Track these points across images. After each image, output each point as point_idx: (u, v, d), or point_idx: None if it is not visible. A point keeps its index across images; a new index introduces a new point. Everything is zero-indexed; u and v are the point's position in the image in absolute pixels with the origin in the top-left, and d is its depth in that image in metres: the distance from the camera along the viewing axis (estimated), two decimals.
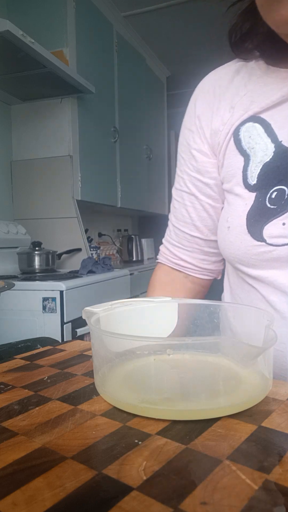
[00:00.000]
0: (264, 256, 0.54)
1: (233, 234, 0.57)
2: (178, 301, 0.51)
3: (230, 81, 0.61)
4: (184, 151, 0.67)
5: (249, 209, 0.55)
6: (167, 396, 0.36)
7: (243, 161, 0.57)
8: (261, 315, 0.42)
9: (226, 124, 0.59)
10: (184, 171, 0.67)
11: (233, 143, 0.58)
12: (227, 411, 0.34)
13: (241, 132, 0.57)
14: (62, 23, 2.18)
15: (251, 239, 0.54)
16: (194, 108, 0.65)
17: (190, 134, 0.65)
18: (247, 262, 0.56)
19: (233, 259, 0.59)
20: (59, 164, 2.27)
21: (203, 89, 0.64)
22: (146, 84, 3.26)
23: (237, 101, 0.59)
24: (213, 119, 0.61)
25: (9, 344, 0.61)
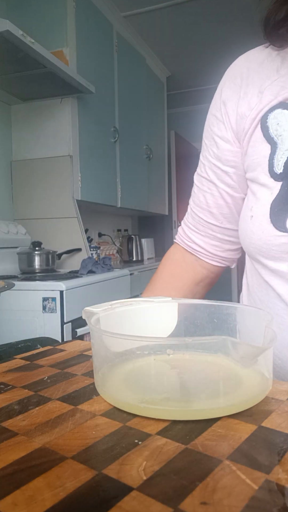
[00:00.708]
0: (285, 248, 0.52)
1: (255, 224, 0.55)
2: (178, 301, 0.51)
3: (260, 65, 0.59)
4: (207, 136, 0.66)
5: (274, 198, 0.53)
6: (167, 396, 0.36)
7: (270, 149, 0.55)
8: (261, 315, 0.42)
9: (253, 109, 0.57)
10: (205, 157, 0.66)
11: (260, 130, 0.56)
12: (227, 411, 0.34)
13: (269, 119, 0.55)
14: (62, 23, 2.18)
15: (273, 229, 0.53)
16: (220, 93, 0.63)
17: (215, 120, 0.64)
18: (267, 254, 0.55)
19: (253, 250, 0.57)
20: (59, 164, 2.27)
21: (230, 74, 0.62)
22: (146, 84, 3.26)
23: (267, 85, 0.56)
24: (239, 104, 0.59)
25: (9, 344, 0.61)
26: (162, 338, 0.43)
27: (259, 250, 0.56)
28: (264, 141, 0.55)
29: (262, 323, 0.39)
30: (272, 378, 0.38)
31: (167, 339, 0.45)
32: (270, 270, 0.56)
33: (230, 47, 3.11)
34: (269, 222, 0.53)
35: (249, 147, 0.58)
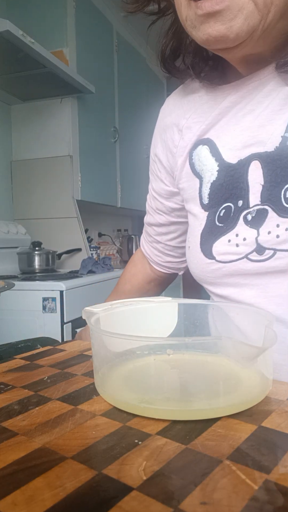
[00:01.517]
0: (217, 273, 0.55)
1: (191, 253, 0.60)
2: (178, 301, 0.51)
3: (176, 105, 0.65)
4: (150, 172, 0.74)
5: (203, 229, 0.58)
6: (167, 396, 0.36)
7: (199, 183, 0.59)
8: (261, 315, 0.42)
9: (178, 147, 0.63)
10: (150, 188, 0.74)
11: (189, 166, 0.61)
12: (227, 411, 0.34)
13: (194, 156, 0.60)
14: (62, 23, 2.18)
15: (203, 257, 0.57)
16: (154, 138, 0.70)
17: (152, 162, 0.71)
18: (205, 280, 0.59)
19: (196, 278, 0.62)
20: (59, 164, 2.27)
21: (158, 120, 0.70)
22: (146, 84, 3.26)
23: (184, 123, 0.62)
24: (167, 144, 0.65)
25: (9, 344, 0.61)
26: (162, 338, 0.43)
27: (199, 278, 0.60)
28: (194, 176, 0.60)
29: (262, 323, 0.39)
30: (272, 378, 0.38)
31: (167, 339, 0.45)
32: (215, 295, 0.60)
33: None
34: (200, 251, 0.57)
35: (183, 182, 0.63)
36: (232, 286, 0.55)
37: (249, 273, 0.52)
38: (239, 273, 0.53)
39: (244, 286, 0.54)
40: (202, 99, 0.60)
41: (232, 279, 0.54)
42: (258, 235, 0.50)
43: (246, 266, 0.52)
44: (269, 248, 0.50)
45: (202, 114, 0.59)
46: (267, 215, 0.50)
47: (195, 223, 0.60)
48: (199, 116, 0.60)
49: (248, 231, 0.51)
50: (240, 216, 0.53)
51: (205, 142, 0.58)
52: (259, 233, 0.50)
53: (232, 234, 0.53)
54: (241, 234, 0.52)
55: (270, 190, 0.50)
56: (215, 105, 0.58)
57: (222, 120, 0.57)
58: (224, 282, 0.56)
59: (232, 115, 0.56)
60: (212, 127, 0.58)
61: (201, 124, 0.59)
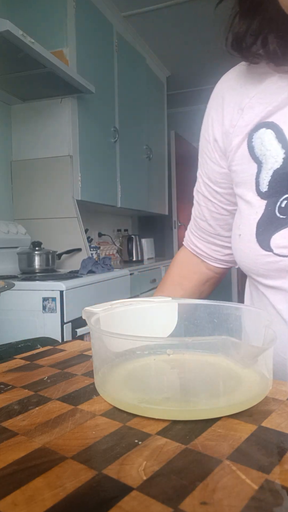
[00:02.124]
0: (271, 266, 0.53)
1: (243, 242, 0.57)
2: (178, 301, 0.51)
3: (238, 82, 0.60)
4: (200, 155, 0.68)
5: (260, 218, 0.54)
6: (167, 396, 0.36)
7: (256, 168, 0.56)
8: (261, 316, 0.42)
9: (235, 126, 0.59)
10: (200, 174, 0.69)
11: (247, 149, 0.57)
12: (227, 411, 0.34)
13: (254, 139, 0.56)
14: (62, 23, 2.18)
15: (259, 248, 0.54)
16: (208, 115, 0.65)
17: (205, 142, 0.66)
18: (256, 271, 0.56)
19: (244, 267, 0.59)
20: (59, 164, 2.27)
21: (214, 95, 0.65)
22: (146, 84, 3.26)
23: (246, 102, 0.58)
24: (223, 122, 0.61)
25: (9, 344, 0.61)
26: (162, 338, 0.43)
27: (249, 268, 0.57)
28: (251, 160, 0.57)
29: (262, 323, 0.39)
30: (272, 378, 0.38)
31: (167, 339, 0.45)
32: (263, 285, 0.58)
33: (229, 50, 3.10)
34: (255, 242, 0.54)
35: (236, 164, 0.59)
36: (285, 278, 0.53)
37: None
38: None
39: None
40: (271, 79, 0.56)
41: (285, 272, 0.52)
42: None
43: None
44: None
45: (269, 95, 0.55)
46: None
47: (249, 210, 0.56)
48: (265, 97, 0.56)
49: None
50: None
51: (270, 126, 0.55)
52: None
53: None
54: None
55: None
56: (285, 87, 0.54)
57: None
58: (278, 275, 0.54)
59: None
60: (279, 110, 0.54)
61: (266, 105, 0.55)
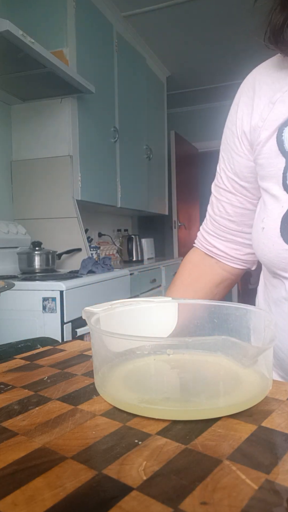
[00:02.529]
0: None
1: (267, 236, 0.56)
2: (178, 301, 0.51)
3: (271, 76, 0.59)
4: (224, 150, 0.67)
5: (285, 212, 0.54)
6: (167, 396, 0.36)
7: (285, 163, 0.55)
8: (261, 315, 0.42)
9: (265, 120, 0.58)
10: (222, 169, 0.68)
11: (276, 143, 0.57)
12: (227, 411, 0.34)
13: (285, 133, 0.55)
14: (62, 23, 2.18)
15: (283, 242, 0.54)
16: (236, 108, 0.64)
17: (231, 135, 0.65)
18: (278, 265, 0.56)
19: (265, 260, 0.59)
20: (59, 164, 2.27)
21: (244, 87, 0.63)
22: (146, 84, 3.26)
23: (278, 97, 0.57)
24: (252, 116, 0.60)
25: (9, 344, 0.61)
26: (162, 338, 0.43)
27: (271, 261, 0.57)
28: (279, 154, 0.56)
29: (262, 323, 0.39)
30: (272, 378, 0.38)
31: (167, 339, 0.45)
32: (283, 277, 0.57)
33: (230, 47, 3.11)
34: (279, 236, 0.54)
35: (263, 158, 0.59)
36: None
37: None
38: None
39: None
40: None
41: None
42: None
43: None
44: None
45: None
46: None
47: (274, 204, 0.57)
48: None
49: None
50: None
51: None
52: None
53: None
54: None
55: None
56: None
57: None
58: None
59: None
60: None
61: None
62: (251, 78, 0.63)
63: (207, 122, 4.40)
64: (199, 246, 0.76)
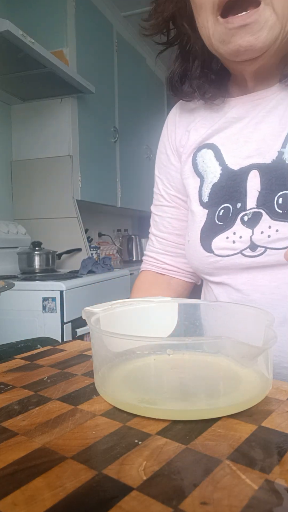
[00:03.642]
0: (214, 265, 0.62)
1: (191, 247, 0.65)
2: (178, 301, 0.51)
3: (186, 110, 0.71)
4: (161, 173, 0.76)
5: (203, 225, 0.63)
6: (167, 396, 0.36)
7: (199, 182, 0.65)
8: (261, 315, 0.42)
9: (184, 146, 0.69)
10: (163, 189, 0.75)
11: (191, 166, 0.67)
12: (227, 411, 0.34)
13: (198, 157, 0.66)
14: (62, 23, 2.18)
15: (203, 250, 0.62)
16: (166, 134, 0.75)
17: (166, 158, 0.74)
18: (202, 270, 0.65)
19: (194, 268, 0.68)
20: (59, 164, 2.27)
21: (169, 119, 0.75)
22: (146, 84, 3.26)
23: (192, 126, 0.68)
24: (175, 141, 0.72)
25: (9, 344, 0.61)
26: (162, 338, 0.43)
27: (197, 268, 0.66)
28: (195, 175, 0.66)
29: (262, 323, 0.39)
30: (272, 378, 0.38)
31: (167, 339, 0.45)
32: (210, 281, 0.66)
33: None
34: (200, 245, 0.63)
35: (184, 178, 0.69)
36: (226, 274, 0.62)
37: (242, 267, 0.59)
38: (233, 266, 0.60)
39: (236, 275, 0.61)
40: (210, 109, 0.67)
41: (227, 270, 0.61)
42: (253, 234, 0.57)
43: (241, 261, 0.59)
44: (261, 246, 0.57)
45: (210, 120, 0.66)
46: (261, 217, 0.57)
47: (194, 219, 0.65)
48: (207, 121, 0.67)
49: (244, 230, 0.58)
50: (237, 216, 0.59)
51: (210, 147, 0.65)
52: (254, 232, 0.57)
53: (230, 232, 0.59)
54: (238, 232, 0.59)
55: (265, 196, 0.57)
56: (222, 114, 0.65)
57: (228, 129, 0.64)
58: (220, 272, 0.63)
59: (238, 127, 0.63)
60: (217, 133, 0.65)
61: (207, 128, 0.66)
62: (174, 111, 0.75)
63: None
64: (149, 268, 0.79)
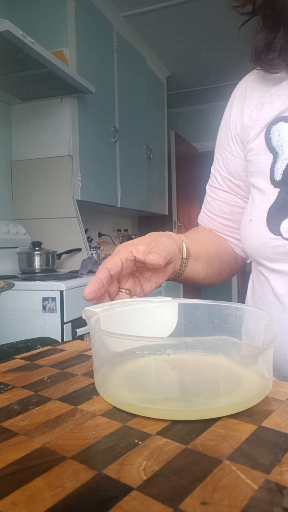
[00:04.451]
0: (279, 250, 0.56)
1: (253, 227, 0.59)
2: (178, 301, 0.51)
3: (259, 81, 0.65)
4: (219, 151, 0.71)
5: (272, 204, 0.57)
6: (167, 396, 0.36)
7: (272, 158, 0.59)
8: (261, 315, 0.42)
9: (255, 120, 0.63)
10: (217, 170, 0.71)
11: (264, 140, 0.61)
12: (227, 411, 0.34)
13: (272, 131, 0.60)
14: (62, 23, 2.18)
15: (268, 232, 0.57)
16: (230, 111, 0.69)
17: (225, 137, 0.69)
18: (262, 255, 0.59)
19: (251, 251, 0.62)
20: (59, 164, 2.27)
21: (236, 92, 0.69)
22: (146, 84, 3.26)
23: (266, 99, 0.62)
24: (243, 117, 0.65)
25: (9, 344, 0.61)
26: (162, 338, 0.43)
27: (256, 251, 0.60)
28: (267, 151, 0.60)
29: (262, 323, 0.39)
30: (272, 378, 0.38)
31: (167, 339, 0.45)
32: (267, 268, 0.60)
33: (230, 47, 3.11)
34: (265, 226, 0.57)
35: (252, 155, 0.63)
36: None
37: None
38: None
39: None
40: (287, 80, 0.61)
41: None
42: None
43: None
44: None
45: (287, 92, 0.60)
46: None
47: (261, 197, 0.60)
48: (284, 93, 0.60)
49: None
50: None
51: (287, 120, 0.59)
52: None
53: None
54: None
55: None
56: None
57: None
58: (284, 258, 0.57)
59: None
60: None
61: (284, 101, 0.60)
62: (242, 84, 0.69)
63: (207, 122, 4.40)
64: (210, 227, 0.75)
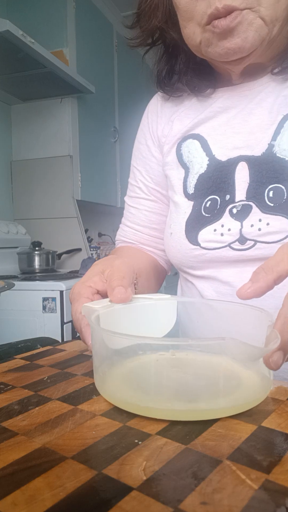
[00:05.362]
0: (200, 258, 0.60)
1: (175, 239, 0.63)
2: (178, 299, 0.51)
3: (168, 99, 0.70)
4: (140, 164, 0.73)
5: (188, 217, 0.62)
6: (168, 396, 0.36)
7: (184, 173, 0.64)
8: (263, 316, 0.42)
9: (167, 136, 0.67)
10: (140, 181, 0.73)
11: (175, 156, 0.65)
12: (227, 411, 0.33)
13: (183, 147, 0.64)
14: (62, 23, 2.18)
15: (188, 243, 0.61)
16: (147, 125, 0.73)
17: (146, 149, 0.72)
18: (186, 264, 0.63)
19: (175, 261, 0.65)
20: (59, 164, 2.27)
21: (150, 107, 0.75)
22: (146, 84, 3.25)
23: (176, 116, 0.67)
24: (157, 131, 0.70)
25: (9, 344, 0.61)
26: (164, 339, 0.43)
27: (180, 261, 0.64)
28: (179, 166, 0.65)
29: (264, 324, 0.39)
30: (272, 378, 0.38)
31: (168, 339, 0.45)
32: (192, 275, 0.64)
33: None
34: (185, 238, 0.61)
35: (167, 169, 0.67)
36: (212, 268, 0.61)
37: (230, 260, 0.58)
38: (220, 260, 0.59)
39: (223, 268, 0.60)
40: (195, 99, 0.66)
41: (213, 263, 0.60)
42: (242, 227, 0.56)
43: (228, 254, 0.58)
44: (250, 239, 0.56)
45: (194, 110, 0.65)
46: (251, 210, 0.56)
47: (178, 210, 0.64)
48: (191, 111, 0.65)
49: (232, 222, 0.57)
50: (226, 209, 0.58)
51: (195, 137, 0.63)
52: (243, 225, 0.56)
53: (218, 224, 0.58)
54: (226, 225, 0.57)
55: (255, 188, 0.56)
56: (208, 105, 0.64)
57: (214, 120, 0.62)
58: (205, 265, 0.61)
59: (225, 117, 0.61)
60: (203, 123, 0.63)
61: (192, 118, 0.64)
62: (155, 100, 0.74)
63: None
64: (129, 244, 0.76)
